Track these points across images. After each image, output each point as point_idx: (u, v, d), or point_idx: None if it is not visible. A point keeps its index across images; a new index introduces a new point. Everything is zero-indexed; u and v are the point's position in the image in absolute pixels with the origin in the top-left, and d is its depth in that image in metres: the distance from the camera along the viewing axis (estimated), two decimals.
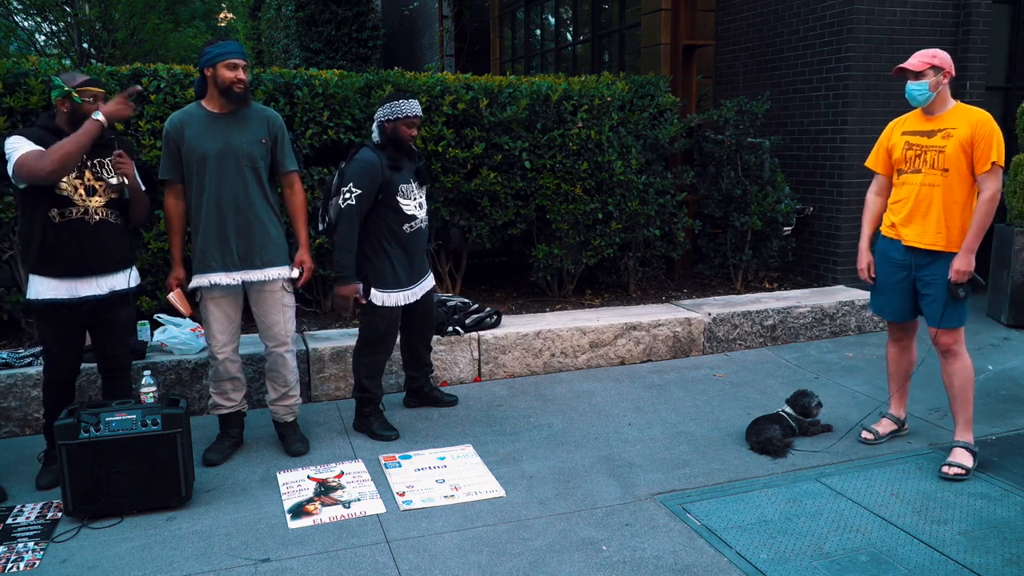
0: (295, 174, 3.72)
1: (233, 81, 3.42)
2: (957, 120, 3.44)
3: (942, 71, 3.43)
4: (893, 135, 3.67)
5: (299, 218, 3.73)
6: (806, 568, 2.77)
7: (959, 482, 3.39)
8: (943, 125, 3.47)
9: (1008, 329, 5.64)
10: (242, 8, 18.22)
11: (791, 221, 6.32)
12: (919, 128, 3.55)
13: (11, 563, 2.85)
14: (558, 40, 10.00)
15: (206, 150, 3.46)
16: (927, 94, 3.45)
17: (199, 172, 3.49)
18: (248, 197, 3.53)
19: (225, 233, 3.52)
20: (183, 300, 3.64)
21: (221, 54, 3.42)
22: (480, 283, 6.45)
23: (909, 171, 3.55)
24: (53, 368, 3.41)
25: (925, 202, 3.48)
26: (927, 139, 3.49)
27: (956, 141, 3.40)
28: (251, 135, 3.52)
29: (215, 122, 3.50)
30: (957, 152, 3.40)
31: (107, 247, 3.35)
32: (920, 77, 3.44)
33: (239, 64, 3.43)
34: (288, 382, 3.77)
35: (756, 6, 7.02)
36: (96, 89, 3.26)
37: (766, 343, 5.45)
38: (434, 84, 5.22)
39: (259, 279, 3.60)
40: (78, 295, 3.31)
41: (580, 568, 2.80)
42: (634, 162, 5.69)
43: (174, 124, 3.51)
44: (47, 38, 18.15)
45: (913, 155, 3.53)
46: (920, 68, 3.42)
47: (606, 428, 4.06)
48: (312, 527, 3.10)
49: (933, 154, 3.46)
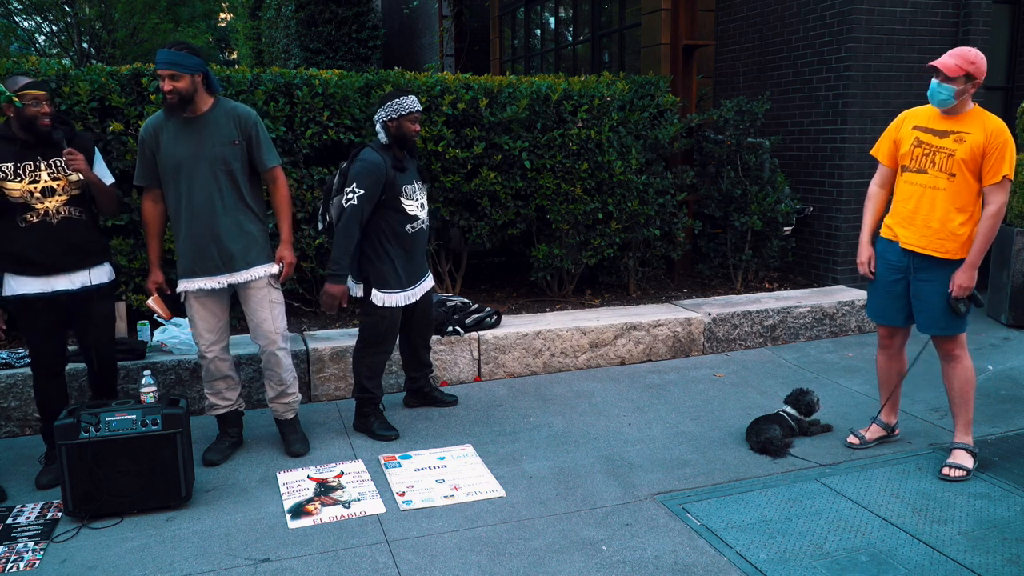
0: (277, 168, 3.65)
1: (166, 92, 3.37)
2: (973, 125, 3.29)
3: (974, 80, 3.25)
4: (904, 126, 3.50)
5: (282, 213, 3.68)
6: (806, 568, 2.77)
7: (959, 483, 3.39)
8: (958, 128, 3.31)
9: (1008, 329, 5.64)
10: (242, 8, 18.22)
11: (791, 221, 6.32)
12: (932, 126, 3.39)
13: (11, 563, 2.85)
14: (558, 40, 10.00)
15: (179, 157, 3.45)
16: (951, 100, 3.29)
17: (174, 179, 3.48)
18: (223, 201, 3.50)
19: (204, 239, 3.51)
20: (162, 304, 3.66)
21: (156, 65, 3.39)
22: (480, 283, 6.45)
23: (913, 170, 3.41)
24: (37, 361, 3.48)
25: (927, 205, 3.36)
26: (939, 139, 3.34)
27: (968, 147, 3.26)
28: (221, 137, 3.48)
29: (187, 127, 3.46)
30: (967, 158, 3.26)
31: (73, 244, 3.39)
32: (951, 82, 3.26)
33: (162, 74, 3.34)
34: (284, 380, 3.77)
35: (756, 6, 7.02)
36: (36, 92, 3.24)
37: (766, 343, 5.45)
38: (434, 84, 5.22)
39: (246, 279, 3.60)
40: (51, 289, 3.37)
41: (580, 568, 2.80)
42: (634, 162, 5.69)
43: (148, 130, 3.50)
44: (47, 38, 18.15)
45: (921, 153, 3.39)
46: (956, 73, 3.23)
47: (606, 428, 4.06)
48: (312, 527, 3.10)
49: (942, 156, 3.32)
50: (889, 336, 3.70)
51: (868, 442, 3.76)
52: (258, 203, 3.67)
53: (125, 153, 4.58)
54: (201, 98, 3.46)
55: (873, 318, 3.71)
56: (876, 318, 3.68)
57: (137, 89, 4.64)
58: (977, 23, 6.22)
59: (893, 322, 3.62)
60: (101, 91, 4.52)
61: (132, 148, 4.55)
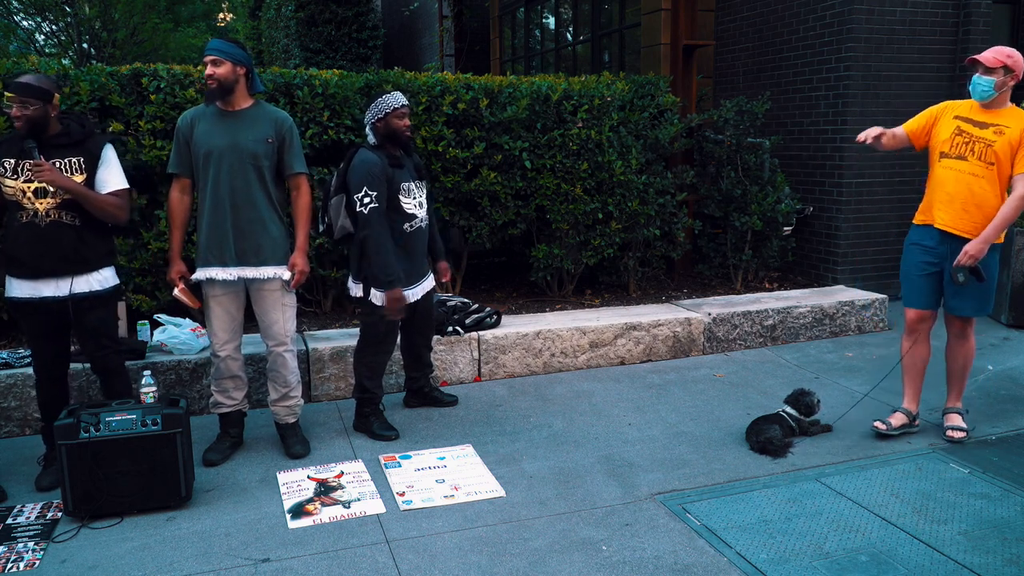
0: (303, 176, 3.70)
1: (207, 77, 3.48)
2: (1012, 120, 3.51)
3: (1012, 73, 3.50)
4: (945, 115, 3.70)
5: (301, 220, 3.72)
6: (806, 568, 2.77)
7: (959, 483, 3.39)
8: (997, 121, 3.53)
9: (1008, 329, 5.64)
10: (242, 8, 18.22)
11: (791, 221, 6.32)
12: (973, 117, 3.60)
13: (11, 563, 2.85)
14: (558, 40, 10.00)
15: (212, 146, 3.51)
16: (991, 92, 3.51)
17: (204, 167, 3.54)
18: (249, 195, 3.55)
19: (224, 229, 3.55)
20: (188, 294, 3.64)
21: (204, 51, 3.52)
22: (480, 283, 6.45)
23: (954, 156, 3.60)
24: (37, 361, 3.47)
25: (966, 190, 3.55)
26: (979, 130, 3.55)
27: (1007, 139, 3.47)
28: (258, 134, 3.55)
29: (224, 120, 3.55)
30: (1004, 149, 3.47)
31: (60, 249, 3.31)
32: (991, 73, 3.49)
33: (208, 60, 3.48)
34: (288, 382, 3.77)
35: (756, 6, 7.02)
36: (9, 95, 3.22)
37: (766, 343, 5.45)
38: (434, 84, 5.22)
39: (255, 276, 3.60)
40: (39, 295, 3.33)
41: (580, 568, 2.80)
42: (634, 162, 5.69)
43: (186, 120, 3.59)
44: (46, 37, 18.14)
45: (962, 141, 3.58)
46: (994, 64, 3.49)
47: (606, 428, 4.06)
48: (312, 527, 3.10)
49: (982, 146, 3.52)
50: (919, 321, 3.84)
51: (895, 428, 3.83)
52: (282, 206, 3.72)
53: (125, 153, 4.58)
54: (241, 93, 3.55)
55: (909, 304, 3.85)
56: (912, 303, 3.83)
57: (137, 89, 4.64)
58: (977, 23, 6.22)
59: (928, 306, 3.80)
60: (101, 91, 4.52)
61: (132, 148, 4.55)
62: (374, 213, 3.69)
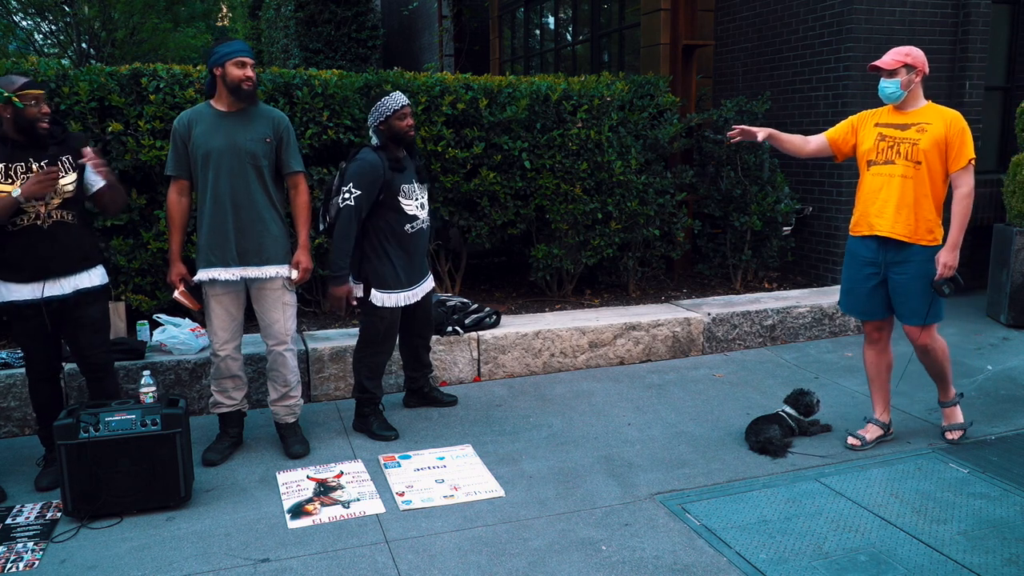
0: (301, 175, 3.72)
1: (242, 79, 3.49)
2: (931, 117, 3.51)
3: (915, 69, 3.50)
4: (865, 125, 3.70)
5: (301, 218, 3.73)
6: (805, 568, 2.78)
7: (959, 483, 3.40)
8: (918, 119, 3.53)
9: (1008, 329, 5.65)
10: (242, 8, 18.22)
11: (790, 221, 6.32)
12: (892, 121, 3.61)
13: (10, 563, 2.85)
14: (558, 40, 10.00)
15: (210, 147, 3.51)
16: (899, 92, 3.53)
17: (203, 168, 3.54)
18: (249, 194, 3.55)
19: (225, 229, 3.55)
20: (189, 296, 3.64)
21: (229, 53, 3.49)
22: (480, 283, 6.45)
23: (881, 162, 3.59)
24: (31, 365, 3.47)
25: (898, 193, 3.53)
26: (901, 131, 3.55)
27: (931, 136, 3.47)
28: (256, 133, 3.56)
29: (222, 120, 3.55)
30: (930, 147, 3.47)
31: (66, 248, 3.33)
32: (893, 75, 3.51)
33: (247, 62, 3.50)
34: (288, 382, 3.77)
35: (756, 6, 7.02)
36: (36, 92, 3.21)
37: (765, 343, 5.45)
38: (434, 84, 5.22)
39: (258, 276, 3.61)
40: (42, 295, 3.31)
41: (580, 568, 2.80)
42: (634, 162, 5.69)
43: (183, 121, 3.58)
44: (45, 37, 18.12)
45: (886, 146, 3.58)
46: (893, 66, 3.49)
47: (606, 428, 4.06)
48: (311, 527, 3.10)
49: (907, 146, 3.52)
50: (877, 330, 3.80)
51: (868, 442, 3.77)
52: (281, 205, 3.73)
53: (125, 153, 4.58)
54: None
55: (858, 316, 3.84)
56: (861, 315, 3.81)
57: (136, 89, 4.64)
58: (977, 23, 6.22)
59: (877, 316, 3.75)
60: (101, 91, 4.52)
61: (132, 148, 4.55)
62: (348, 211, 3.71)
